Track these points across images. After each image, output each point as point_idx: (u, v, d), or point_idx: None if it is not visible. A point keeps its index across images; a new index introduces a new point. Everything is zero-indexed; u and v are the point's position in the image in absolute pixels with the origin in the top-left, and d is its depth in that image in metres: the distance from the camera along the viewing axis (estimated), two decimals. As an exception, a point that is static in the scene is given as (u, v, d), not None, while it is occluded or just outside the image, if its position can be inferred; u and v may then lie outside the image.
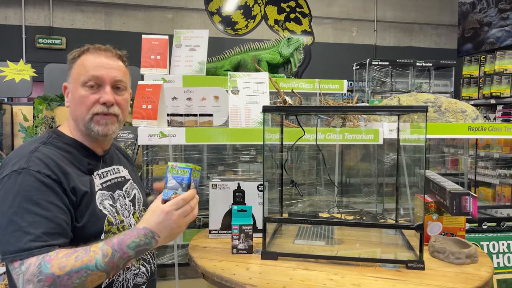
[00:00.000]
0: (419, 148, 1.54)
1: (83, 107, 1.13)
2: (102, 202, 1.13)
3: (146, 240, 1.03)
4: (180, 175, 1.05)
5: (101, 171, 1.19)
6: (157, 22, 6.66)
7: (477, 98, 4.34)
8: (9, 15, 6.13)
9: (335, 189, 2.15)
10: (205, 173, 2.49)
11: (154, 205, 1.07)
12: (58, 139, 1.15)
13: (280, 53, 2.62)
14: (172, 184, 1.05)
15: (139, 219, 1.24)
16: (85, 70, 1.14)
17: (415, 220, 1.63)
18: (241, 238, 1.39)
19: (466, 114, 2.45)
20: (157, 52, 2.28)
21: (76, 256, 0.96)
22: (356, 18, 7.46)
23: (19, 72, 2.91)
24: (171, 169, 1.06)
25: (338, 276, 1.20)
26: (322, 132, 2.02)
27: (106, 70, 1.15)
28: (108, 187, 1.18)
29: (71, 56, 1.18)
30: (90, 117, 1.14)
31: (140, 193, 1.32)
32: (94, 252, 0.98)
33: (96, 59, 1.15)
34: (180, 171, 1.05)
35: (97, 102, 1.14)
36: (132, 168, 1.39)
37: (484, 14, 6.31)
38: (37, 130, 2.61)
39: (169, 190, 1.05)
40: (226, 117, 2.05)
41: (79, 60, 1.16)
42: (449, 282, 1.17)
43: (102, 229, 1.10)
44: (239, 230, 1.38)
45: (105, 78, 1.15)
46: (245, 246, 1.39)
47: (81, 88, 1.14)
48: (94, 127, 1.14)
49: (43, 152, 1.07)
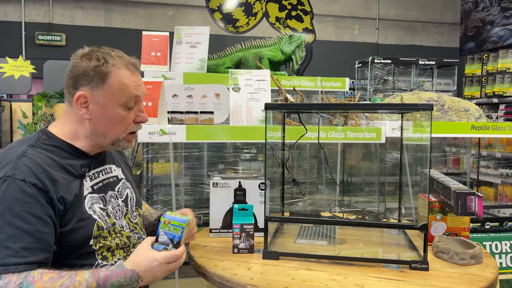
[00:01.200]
0: (423, 147, 1.52)
1: (121, 127, 1.13)
2: (92, 206, 1.10)
3: (130, 282, 1.03)
4: (172, 232, 1.08)
5: (93, 172, 1.16)
6: (158, 19, 6.63)
7: (480, 97, 4.32)
8: (9, 12, 6.10)
9: (337, 188, 2.13)
10: (205, 171, 2.47)
11: (146, 249, 1.05)
12: (47, 141, 1.10)
13: (282, 50, 2.59)
14: (163, 240, 1.08)
15: (130, 221, 1.22)
16: (127, 90, 1.11)
17: (418, 219, 1.61)
18: (242, 238, 1.37)
19: (469, 113, 2.42)
20: (157, 49, 2.26)
21: (61, 283, 0.95)
22: (358, 16, 7.42)
23: (18, 68, 2.89)
24: (163, 225, 1.08)
25: (340, 276, 1.18)
26: (324, 130, 1.99)
27: (142, 88, 1.15)
28: (100, 189, 1.15)
29: (99, 69, 1.08)
30: (124, 136, 1.15)
31: (133, 193, 1.28)
32: (79, 283, 0.97)
33: (134, 77, 1.13)
34: (172, 228, 1.08)
35: (132, 121, 1.15)
36: (125, 165, 1.35)
37: (487, 12, 6.27)
38: (36, 127, 2.60)
39: (159, 245, 1.07)
40: (227, 114, 2.03)
41: (116, 76, 1.09)
42: (453, 283, 1.15)
43: (91, 234, 1.07)
44: (240, 229, 1.37)
45: (141, 96, 1.15)
46: (246, 245, 1.37)
47: (120, 108, 1.11)
48: (122, 143, 1.15)
49: (31, 157, 1.03)
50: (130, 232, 1.19)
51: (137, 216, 1.27)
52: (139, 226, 1.26)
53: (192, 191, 2.44)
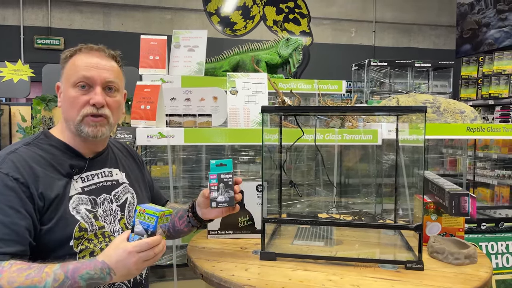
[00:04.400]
0: (418, 149, 1.54)
1: (74, 108, 1.12)
2: (76, 207, 1.10)
3: (101, 275, 0.98)
4: (146, 222, 1.03)
5: (86, 174, 1.16)
6: (156, 22, 6.65)
7: (476, 99, 4.35)
8: (7, 16, 6.12)
9: (334, 189, 2.15)
10: (204, 174, 2.49)
11: (119, 241, 1.01)
12: (44, 140, 1.14)
13: (279, 53, 2.62)
14: (138, 230, 1.03)
15: (126, 226, 1.21)
16: (76, 70, 1.12)
17: (414, 220, 1.63)
18: (220, 189, 1.21)
19: (465, 114, 2.45)
20: (155, 52, 2.28)
21: (28, 274, 0.93)
22: (355, 18, 7.47)
23: (17, 72, 2.90)
24: (138, 214, 1.04)
25: (337, 276, 1.20)
26: (321, 132, 2.01)
27: (98, 70, 1.13)
28: (91, 191, 1.15)
29: (64, 56, 1.16)
30: (80, 118, 1.12)
31: (134, 198, 1.26)
32: (46, 274, 0.94)
33: (88, 59, 1.13)
34: (147, 218, 1.03)
35: (87, 103, 1.12)
36: (138, 170, 1.35)
37: (483, 15, 6.33)
38: (35, 131, 2.61)
39: (135, 235, 1.02)
40: (225, 117, 2.05)
41: (71, 60, 1.14)
42: (448, 282, 1.17)
43: (71, 234, 1.07)
44: (218, 179, 1.21)
45: (96, 79, 1.12)
46: (225, 198, 1.21)
47: (72, 89, 1.12)
48: (84, 128, 1.12)
49: (20, 154, 1.07)
50: None
51: None
52: None
53: (191, 193, 2.45)
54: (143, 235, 1.02)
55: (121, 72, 1.22)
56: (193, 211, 1.31)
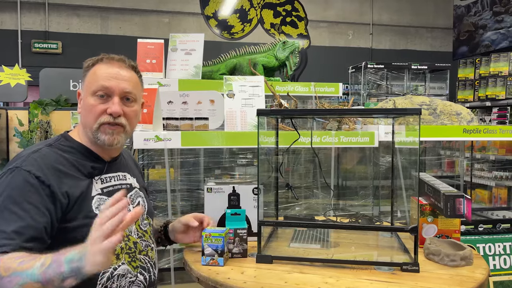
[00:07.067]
0: (414, 151, 1.55)
1: (92, 116, 1.16)
2: (98, 206, 1.14)
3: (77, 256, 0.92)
4: (214, 244, 1.25)
5: (105, 176, 1.20)
6: (154, 26, 6.67)
7: (473, 100, 4.36)
8: (5, 20, 6.12)
9: (331, 192, 2.15)
10: (201, 177, 2.49)
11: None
12: (65, 143, 1.18)
13: (276, 56, 2.63)
14: (208, 252, 1.25)
15: (140, 228, 1.27)
16: (96, 79, 1.16)
17: (410, 222, 1.63)
18: (236, 242, 1.38)
19: (461, 116, 2.46)
20: (152, 56, 2.28)
21: (21, 260, 0.93)
22: (352, 21, 7.49)
23: (14, 76, 2.91)
24: (205, 239, 1.24)
25: (333, 279, 1.20)
26: (317, 135, 2.02)
27: (116, 81, 1.17)
28: (109, 192, 1.18)
29: (86, 64, 1.21)
30: (97, 126, 1.16)
31: (145, 201, 1.33)
32: (36, 260, 0.93)
33: (108, 69, 1.17)
34: (214, 240, 1.25)
35: (104, 112, 1.16)
36: (141, 177, 1.41)
37: (479, 17, 6.36)
38: (33, 135, 2.61)
39: (207, 257, 1.25)
40: (222, 120, 2.06)
41: (93, 69, 1.18)
42: (443, 284, 1.17)
43: None
44: (234, 234, 1.38)
45: (114, 89, 1.16)
46: (239, 250, 1.38)
47: (91, 97, 1.16)
48: (101, 136, 1.16)
49: (44, 153, 1.11)
50: (137, 238, 1.23)
51: (147, 224, 1.31)
52: (148, 234, 1.29)
53: (189, 196, 2.46)
54: (214, 255, 1.24)
55: (140, 82, 1.26)
56: (165, 232, 1.42)
